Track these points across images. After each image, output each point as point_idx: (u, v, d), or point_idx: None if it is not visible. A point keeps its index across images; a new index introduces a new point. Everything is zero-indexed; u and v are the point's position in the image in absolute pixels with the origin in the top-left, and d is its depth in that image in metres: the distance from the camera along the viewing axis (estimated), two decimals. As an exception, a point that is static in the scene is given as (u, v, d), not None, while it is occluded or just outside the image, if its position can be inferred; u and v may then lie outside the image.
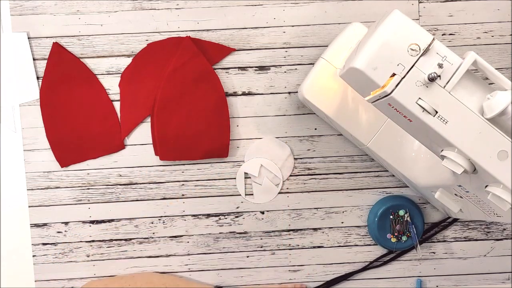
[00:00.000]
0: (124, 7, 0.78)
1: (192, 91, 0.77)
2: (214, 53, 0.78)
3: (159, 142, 0.78)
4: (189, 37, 0.77)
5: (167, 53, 0.78)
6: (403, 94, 0.52)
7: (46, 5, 0.77)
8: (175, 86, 0.77)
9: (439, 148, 0.56)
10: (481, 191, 0.56)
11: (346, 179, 0.80)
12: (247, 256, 0.80)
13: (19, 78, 0.77)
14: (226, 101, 0.78)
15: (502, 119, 0.51)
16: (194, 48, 0.77)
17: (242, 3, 0.78)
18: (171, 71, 0.77)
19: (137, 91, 0.78)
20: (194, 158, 0.78)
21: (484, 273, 0.82)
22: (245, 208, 0.80)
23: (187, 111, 0.77)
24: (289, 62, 0.79)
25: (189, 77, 0.77)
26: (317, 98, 0.73)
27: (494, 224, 0.81)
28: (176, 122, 0.77)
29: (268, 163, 0.79)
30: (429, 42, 0.52)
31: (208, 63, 0.77)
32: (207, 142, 0.78)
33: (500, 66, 0.80)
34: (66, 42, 0.78)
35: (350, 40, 0.72)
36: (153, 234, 0.80)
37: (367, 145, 0.74)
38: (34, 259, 0.79)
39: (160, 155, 0.78)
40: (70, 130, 0.78)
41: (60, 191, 0.79)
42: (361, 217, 0.81)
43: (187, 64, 0.77)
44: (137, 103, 0.78)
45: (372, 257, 0.81)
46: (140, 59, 0.78)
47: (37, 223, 0.79)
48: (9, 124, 0.78)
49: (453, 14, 0.79)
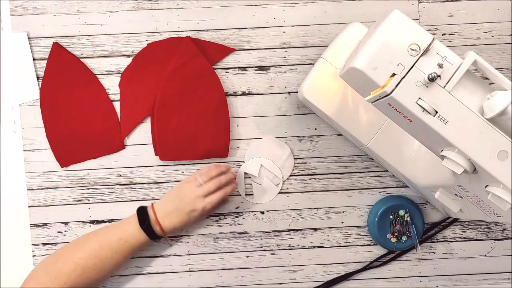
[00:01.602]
0: (124, 7, 0.78)
1: (192, 91, 0.77)
2: (214, 53, 0.78)
3: (159, 142, 0.78)
4: (189, 37, 0.77)
5: (167, 53, 0.78)
6: (403, 94, 0.52)
7: (46, 5, 0.77)
8: (175, 86, 0.77)
9: (439, 148, 0.56)
10: (481, 191, 0.56)
11: (346, 179, 0.80)
12: (247, 256, 0.80)
13: (19, 78, 0.77)
14: (226, 101, 0.78)
15: (502, 119, 0.51)
16: (194, 48, 0.77)
17: (242, 3, 0.78)
18: (171, 71, 0.77)
19: (137, 91, 0.78)
20: (194, 158, 0.78)
21: (484, 273, 0.82)
22: (245, 208, 0.80)
23: (187, 111, 0.77)
24: (289, 62, 0.79)
25: (189, 77, 0.77)
26: (317, 98, 0.73)
27: (494, 224, 0.81)
28: (176, 122, 0.77)
29: (268, 163, 0.79)
30: (429, 42, 0.52)
31: (208, 63, 0.77)
32: (207, 142, 0.78)
33: (500, 66, 0.80)
34: (66, 42, 0.78)
35: (350, 40, 0.72)
36: (153, 234, 0.80)
37: (367, 145, 0.74)
38: (34, 259, 0.79)
39: (160, 155, 0.78)
40: (70, 130, 0.78)
41: (60, 191, 0.79)
42: (361, 217, 0.81)
43: (187, 64, 0.77)
44: (137, 103, 0.78)
45: (372, 257, 0.81)
46: (140, 59, 0.78)
47: (37, 223, 0.79)
48: (9, 124, 0.78)
49: (453, 14, 0.79)
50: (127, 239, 0.71)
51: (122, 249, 0.70)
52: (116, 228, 0.72)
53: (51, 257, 0.71)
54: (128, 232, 0.71)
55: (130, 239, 0.71)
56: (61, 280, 0.68)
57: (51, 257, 0.71)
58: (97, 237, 0.71)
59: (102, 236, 0.71)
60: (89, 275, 0.69)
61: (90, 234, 0.73)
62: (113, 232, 0.71)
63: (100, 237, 0.71)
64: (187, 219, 0.71)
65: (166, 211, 0.71)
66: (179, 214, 0.71)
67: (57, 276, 0.68)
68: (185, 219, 0.71)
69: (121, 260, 0.71)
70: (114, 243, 0.70)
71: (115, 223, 0.74)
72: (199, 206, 0.70)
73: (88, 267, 0.69)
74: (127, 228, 0.71)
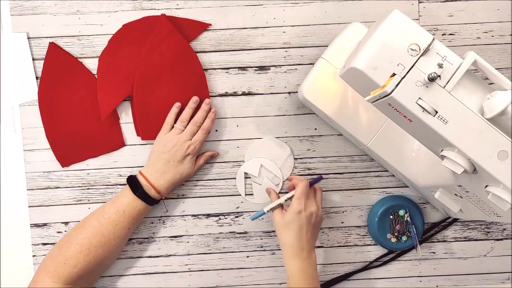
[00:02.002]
0: (124, 7, 0.78)
1: (170, 69, 0.76)
2: (190, 29, 0.77)
3: (139, 122, 0.77)
4: (164, 15, 0.77)
5: (143, 33, 0.77)
6: (403, 94, 0.52)
7: (46, 5, 0.77)
8: (153, 64, 0.76)
9: (439, 148, 0.56)
10: (481, 191, 0.56)
11: (346, 179, 0.80)
12: (247, 256, 0.80)
13: (19, 78, 0.77)
14: (205, 77, 0.77)
15: (502, 119, 0.51)
16: (169, 25, 0.76)
17: (242, 3, 0.78)
18: (147, 49, 0.76)
19: (115, 73, 0.77)
20: None
21: (484, 273, 0.82)
22: (245, 208, 0.80)
23: (167, 89, 0.77)
24: (289, 62, 0.79)
25: (166, 55, 0.76)
26: (317, 98, 0.73)
27: (494, 224, 0.81)
28: (156, 101, 0.76)
29: (268, 163, 0.79)
30: (429, 42, 0.52)
31: (185, 40, 0.77)
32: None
33: (500, 66, 0.80)
34: (66, 42, 0.78)
35: (350, 40, 0.72)
36: (153, 234, 0.80)
37: (367, 145, 0.74)
38: (34, 259, 0.79)
39: (142, 135, 0.78)
40: (70, 129, 0.77)
41: (60, 191, 0.79)
42: (361, 217, 0.81)
43: (163, 41, 0.76)
44: (116, 85, 0.77)
45: (372, 257, 0.81)
46: (115, 41, 0.77)
47: (37, 223, 0.79)
48: (9, 124, 0.78)
49: (453, 14, 0.79)
50: (124, 210, 0.71)
51: (121, 220, 0.71)
52: (112, 203, 0.72)
53: (55, 247, 0.71)
54: (124, 202, 0.71)
55: (128, 209, 0.71)
56: (70, 263, 0.68)
57: (55, 246, 0.71)
58: (95, 215, 0.72)
59: (99, 213, 0.71)
60: (96, 253, 0.69)
61: (88, 215, 0.73)
62: (110, 207, 0.71)
63: (98, 214, 0.71)
64: (182, 169, 0.71)
65: (157, 170, 0.71)
66: (171, 167, 0.70)
67: (65, 261, 0.68)
68: (180, 169, 0.71)
69: (124, 232, 0.72)
70: (112, 217, 0.70)
71: (111, 198, 0.74)
72: (189, 150, 0.70)
73: (93, 245, 0.69)
74: (122, 199, 0.72)
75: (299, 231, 0.68)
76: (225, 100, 0.79)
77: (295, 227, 0.68)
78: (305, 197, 0.69)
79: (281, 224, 0.69)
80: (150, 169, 0.72)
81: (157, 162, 0.71)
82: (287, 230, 0.68)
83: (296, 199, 0.69)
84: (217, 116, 0.78)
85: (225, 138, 0.79)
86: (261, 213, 0.73)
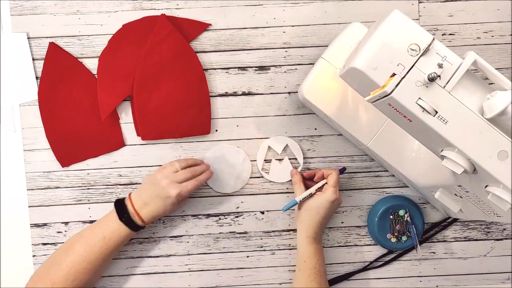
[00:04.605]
0: (124, 7, 0.78)
1: (170, 69, 0.76)
2: (190, 29, 0.78)
3: (139, 122, 0.77)
4: (164, 15, 0.77)
5: (143, 33, 0.77)
6: (403, 94, 0.52)
7: (46, 5, 0.77)
8: (153, 64, 0.76)
9: (439, 148, 0.56)
10: (481, 191, 0.56)
11: (346, 179, 0.80)
12: (247, 256, 0.80)
13: (19, 78, 0.77)
14: (205, 77, 0.77)
15: (502, 119, 0.51)
16: (169, 25, 0.76)
17: (242, 3, 0.78)
18: (147, 49, 0.76)
19: (115, 72, 0.77)
20: (176, 137, 0.78)
21: (484, 273, 0.82)
22: (245, 208, 0.80)
23: (167, 89, 0.77)
24: (289, 62, 0.79)
25: (166, 55, 0.76)
26: (317, 98, 0.73)
27: (494, 224, 0.81)
28: (156, 101, 0.76)
29: (293, 144, 0.79)
30: (429, 42, 0.52)
31: (184, 40, 0.77)
32: (188, 120, 0.77)
33: (500, 66, 0.80)
34: (66, 42, 0.78)
35: (350, 40, 0.72)
36: (153, 234, 0.80)
37: (367, 145, 0.74)
38: (34, 259, 0.79)
39: (142, 135, 0.78)
40: (70, 129, 0.77)
41: (60, 191, 0.79)
42: (361, 217, 0.81)
43: (163, 41, 0.76)
44: (117, 85, 0.77)
45: (372, 257, 0.81)
46: (115, 41, 0.77)
47: (37, 223, 0.79)
48: (9, 124, 0.78)
49: (453, 14, 0.79)
50: (110, 237, 0.70)
51: (107, 247, 0.70)
52: (98, 227, 0.72)
53: (42, 267, 0.71)
54: (110, 229, 0.71)
55: (114, 236, 0.71)
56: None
57: (43, 267, 0.71)
58: (83, 239, 0.71)
59: (86, 239, 0.71)
60: (83, 279, 0.70)
61: (75, 237, 0.72)
62: (96, 232, 0.71)
63: (85, 239, 0.71)
64: (163, 206, 0.70)
65: (143, 199, 0.71)
66: (155, 201, 0.70)
67: (52, 284, 0.68)
68: (162, 206, 0.70)
69: (109, 257, 0.72)
70: (98, 244, 0.70)
71: (97, 220, 0.73)
72: (174, 192, 0.69)
73: (79, 272, 0.69)
74: (108, 224, 0.71)
75: (326, 218, 0.74)
76: (225, 100, 0.79)
77: (324, 213, 0.73)
78: (338, 186, 0.74)
79: (309, 207, 0.73)
80: (137, 195, 0.72)
81: (145, 192, 0.71)
82: (316, 214, 0.73)
83: (332, 187, 0.73)
84: (217, 116, 0.79)
85: (225, 138, 0.79)
86: (293, 203, 0.74)
